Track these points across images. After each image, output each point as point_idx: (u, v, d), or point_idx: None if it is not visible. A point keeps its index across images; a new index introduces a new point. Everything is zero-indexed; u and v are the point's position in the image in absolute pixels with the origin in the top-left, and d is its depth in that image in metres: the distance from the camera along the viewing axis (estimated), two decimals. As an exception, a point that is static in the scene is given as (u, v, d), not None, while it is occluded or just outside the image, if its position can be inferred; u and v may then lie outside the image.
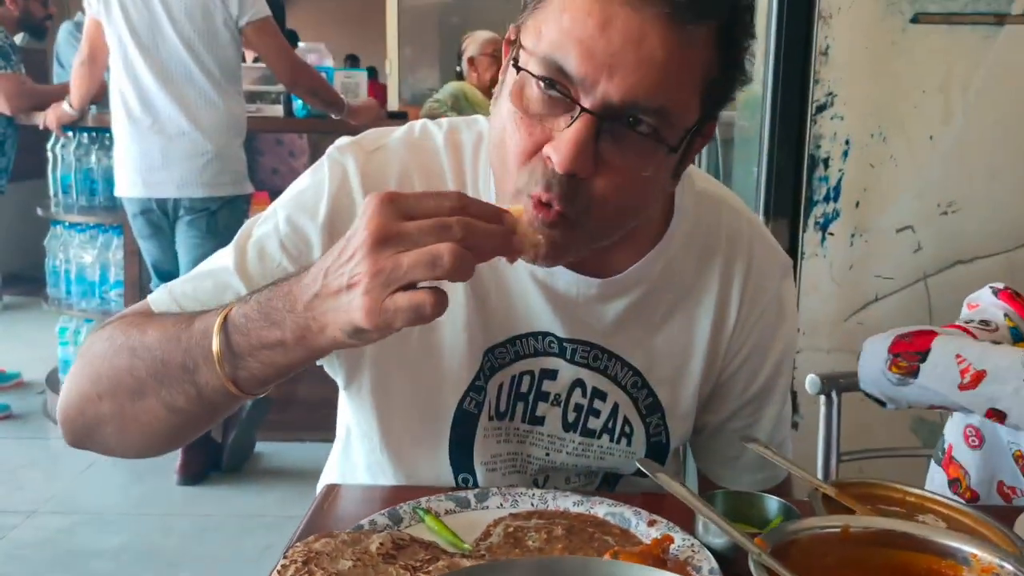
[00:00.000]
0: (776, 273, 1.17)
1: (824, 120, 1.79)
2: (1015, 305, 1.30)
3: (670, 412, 1.16)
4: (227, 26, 3.12)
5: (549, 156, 0.88)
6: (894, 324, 1.40)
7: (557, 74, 0.87)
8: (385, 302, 0.76)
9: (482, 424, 1.12)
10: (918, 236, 1.82)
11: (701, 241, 1.12)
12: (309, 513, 1.09)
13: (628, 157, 0.89)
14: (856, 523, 0.87)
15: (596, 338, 1.11)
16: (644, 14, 0.84)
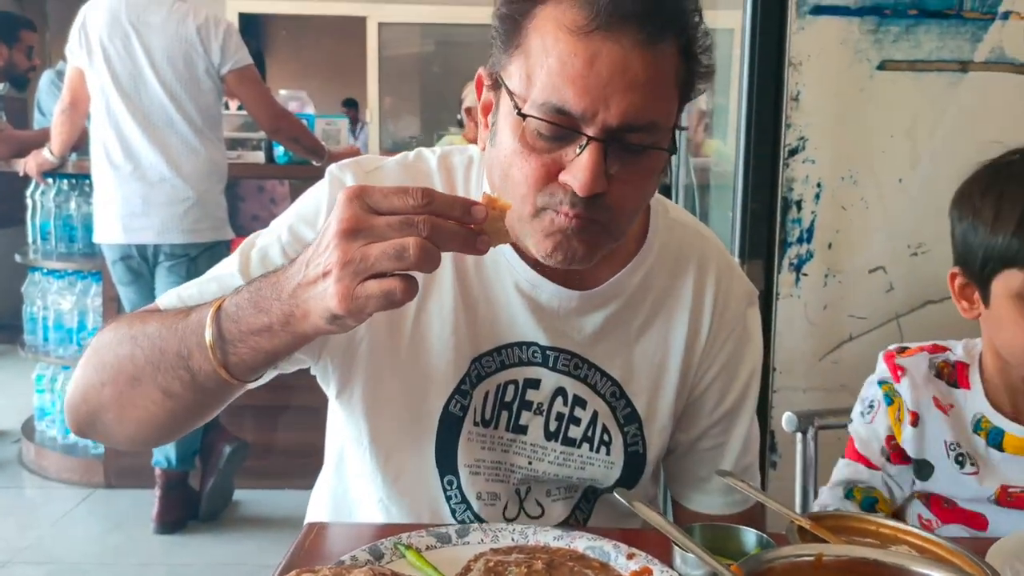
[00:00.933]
0: (743, 299, 1.25)
1: (796, 164, 1.84)
2: (890, 363, 1.38)
3: (647, 423, 1.21)
4: (209, 74, 3.16)
5: (567, 183, 0.98)
6: (869, 363, 1.43)
7: (557, 114, 0.96)
8: (356, 289, 0.83)
9: (466, 428, 1.17)
10: (890, 276, 1.86)
11: (673, 260, 1.21)
12: (291, 550, 1.09)
13: (632, 166, 1.00)
14: (829, 552, 0.88)
15: (577, 348, 1.18)
16: (623, 44, 0.94)
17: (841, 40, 1.81)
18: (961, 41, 1.81)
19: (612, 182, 0.99)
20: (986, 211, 1.24)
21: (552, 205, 1.00)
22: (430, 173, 1.19)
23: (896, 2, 1.80)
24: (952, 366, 1.36)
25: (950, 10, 1.80)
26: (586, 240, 1.02)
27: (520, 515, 1.22)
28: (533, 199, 1.01)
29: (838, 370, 1.87)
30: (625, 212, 1.04)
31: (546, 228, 1.02)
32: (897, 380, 1.36)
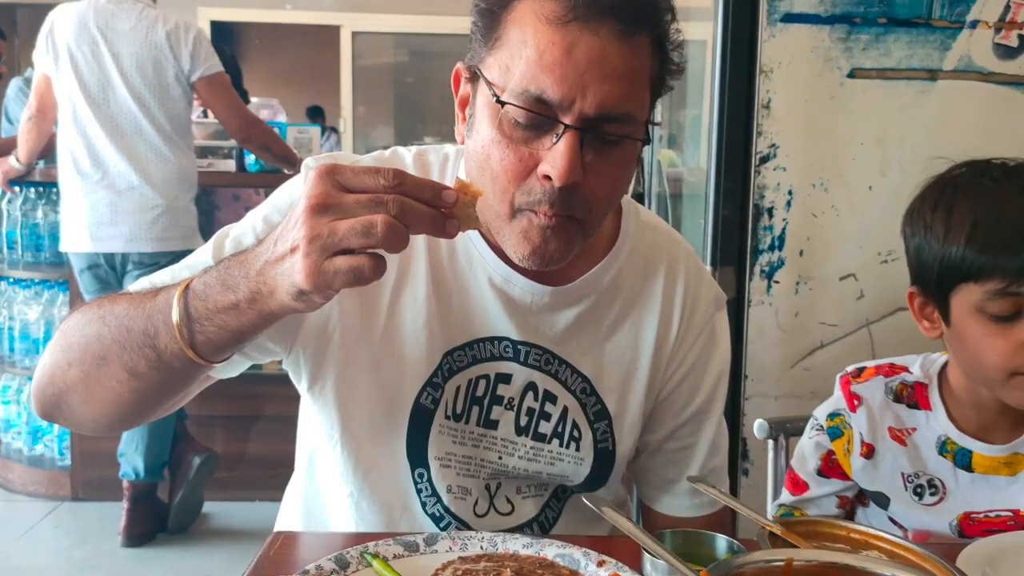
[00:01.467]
0: (712, 302, 1.27)
1: (767, 171, 1.84)
2: (845, 391, 1.36)
3: (617, 420, 1.22)
4: (178, 81, 3.13)
5: (545, 174, 0.99)
6: (840, 370, 1.43)
7: (535, 103, 0.98)
8: (324, 264, 0.83)
9: (438, 420, 1.17)
10: (860, 284, 1.87)
11: (644, 262, 1.23)
12: (255, 559, 1.07)
13: (608, 158, 1.01)
14: (799, 556, 0.88)
15: (548, 344, 1.19)
16: (600, 35, 0.96)
17: (812, 48, 1.82)
18: (930, 49, 1.82)
19: (587, 173, 1.00)
20: (937, 226, 1.23)
21: (530, 205, 1.01)
22: (405, 168, 1.19)
23: (866, 10, 1.81)
24: (911, 387, 1.34)
25: (919, 19, 1.81)
26: (562, 239, 1.03)
27: (490, 511, 1.22)
28: (511, 197, 1.02)
29: (810, 377, 1.87)
30: (600, 205, 1.05)
31: (524, 230, 1.03)
32: (853, 410, 1.34)
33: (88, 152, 3.10)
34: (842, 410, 1.36)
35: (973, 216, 1.19)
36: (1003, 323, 1.18)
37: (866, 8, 1.81)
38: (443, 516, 1.19)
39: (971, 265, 1.18)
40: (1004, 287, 1.16)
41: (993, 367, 1.20)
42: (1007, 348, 1.18)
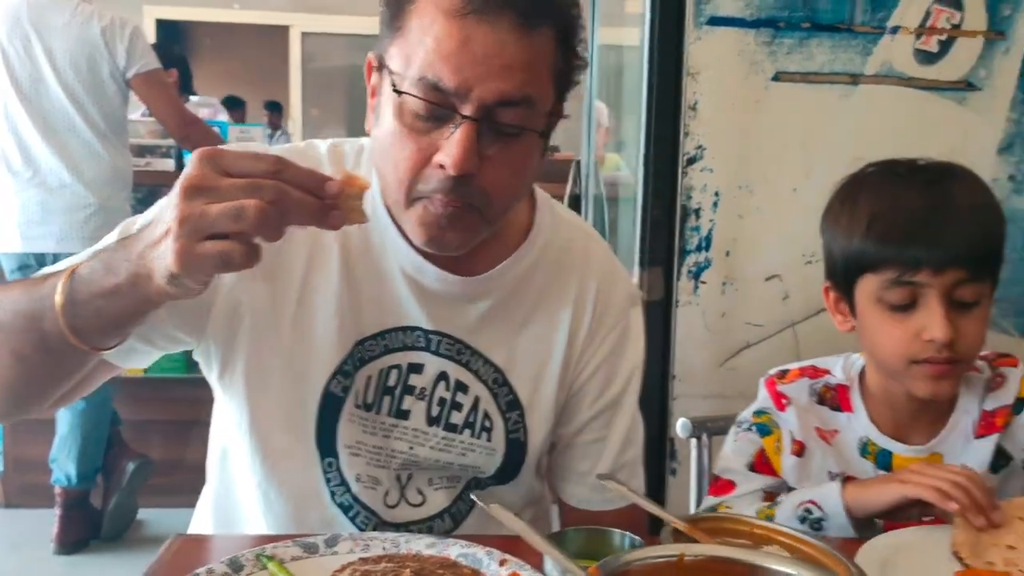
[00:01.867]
0: (626, 298, 1.28)
1: (694, 172, 1.85)
2: (771, 390, 1.37)
3: (529, 410, 1.22)
4: (113, 77, 3.08)
5: (441, 163, 0.99)
6: (766, 370, 1.43)
7: (432, 91, 0.98)
8: (194, 248, 0.81)
9: (347, 409, 1.16)
10: (785, 284, 1.88)
11: (557, 255, 1.23)
12: (151, 564, 1.05)
13: (507, 147, 1.02)
14: (691, 551, 0.87)
15: (460, 334, 1.19)
16: (497, 28, 0.97)
17: (738, 51, 1.83)
18: (852, 54, 1.85)
19: (486, 164, 1.01)
20: (843, 219, 1.26)
21: (427, 193, 1.02)
22: (319, 159, 1.19)
23: (790, 15, 1.83)
24: (834, 389, 1.35)
25: (841, 24, 1.84)
26: (460, 227, 1.04)
27: (401, 502, 1.21)
28: (409, 185, 1.03)
29: (736, 377, 1.88)
30: (500, 196, 1.05)
31: (421, 217, 1.04)
32: (782, 409, 1.34)
33: (19, 149, 3.03)
34: (768, 409, 1.36)
35: (872, 209, 1.23)
36: (899, 312, 1.21)
37: (790, 13, 1.83)
38: (352, 506, 1.18)
39: (870, 256, 1.22)
40: (898, 276, 1.19)
41: (892, 355, 1.23)
42: (904, 336, 1.21)
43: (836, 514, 1.17)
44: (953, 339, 1.18)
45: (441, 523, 1.23)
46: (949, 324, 1.18)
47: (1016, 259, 1.96)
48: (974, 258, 1.19)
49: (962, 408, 1.30)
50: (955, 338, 1.19)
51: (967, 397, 1.30)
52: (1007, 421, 1.28)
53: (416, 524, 1.21)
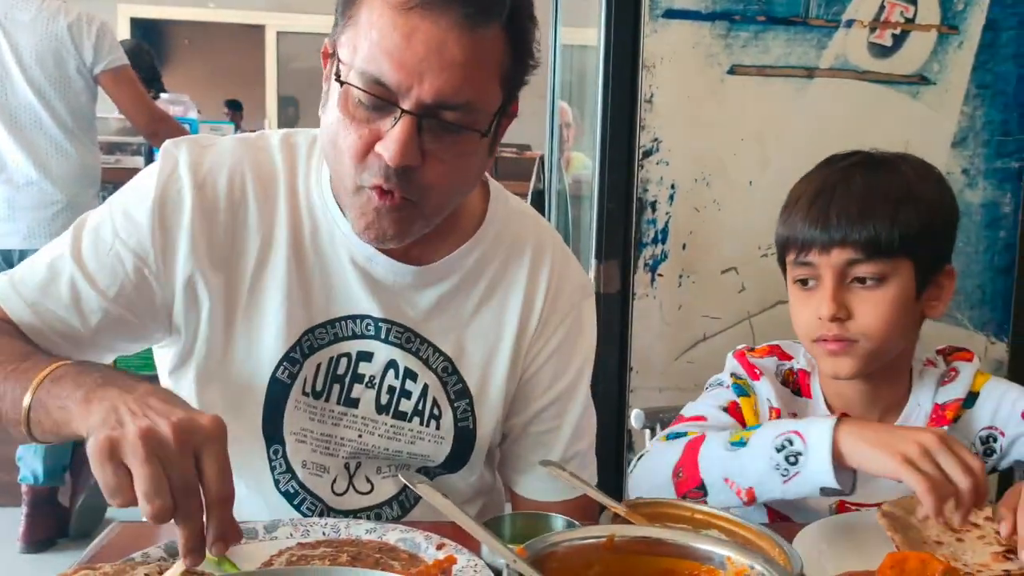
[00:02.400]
0: (578, 289, 1.29)
1: (651, 165, 1.86)
2: (743, 360, 1.38)
3: (478, 399, 1.23)
4: (80, 73, 3.05)
5: (381, 153, 1.00)
6: (723, 362, 1.44)
7: (374, 84, 0.99)
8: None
9: (294, 396, 1.17)
10: (741, 277, 1.90)
11: (509, 245, 1.24)
12: (89, 550, 1.05)
13: (448, 145, 1.02)
14: (621, 532, 0.88)
15: (410, 323, 1.19)
16: (441, 24, 0.97)
17: (693, 44, 1.84)
18: (807, 48, 1.86)
19: (427, 159, 1.01)
20: (780, 212, 1.32)
21: (368, 182, 1.03)
22: (271, 150, 1.19)
23: (745, 8, 1.84)
24: (796, 374, 1.37)
25: (796, 17, 1.85)
26: (397, 219, 1.05)
27: (349, 490, 1.21)
28: (354, 173, 1.04)
29: (693, 369, 1.89)
30: (441, 191, 1.06)
31: (362, 206, 1.06)
32: (755, 378, 1.35)
33: (-15, 146, 3.01)
34: (742, 375, 1.37)
35: (790, 197, 1.30)
36: (804, 291, 1.27)
37: (745, 6, 1.84)
38: (298, 493, 1.19)
39: (783, 239, 1.29)
40: (796, 256, 1.26)
41: (801, 334, 1.29)
42: (807, 314, 1.26)
43: (819, 455, 1.10)
44: (842, 316, 1.21)
45: (389, 511, 1.23)
46: (834, 301, 1.22)
47: (971, 252, 1.98)
48: (866, 239, 1.21)
49: (915, 401, 1.32)
50: (848, 317, 1.22)
51: (920, 390, 1.32)
52: (957, 415, 1.30)
53: (364, 512, 1.21)
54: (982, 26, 1.93)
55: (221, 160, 1.16)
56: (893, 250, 1.22)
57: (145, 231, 1.12)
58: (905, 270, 1.24)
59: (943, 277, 1.29)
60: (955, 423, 1.29)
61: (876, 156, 1.29)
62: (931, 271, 1.27)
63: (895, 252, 1.22)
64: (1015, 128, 1.97)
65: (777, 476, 1.12)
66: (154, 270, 1.13)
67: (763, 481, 1.14)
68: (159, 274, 1.13)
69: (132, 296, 1.13)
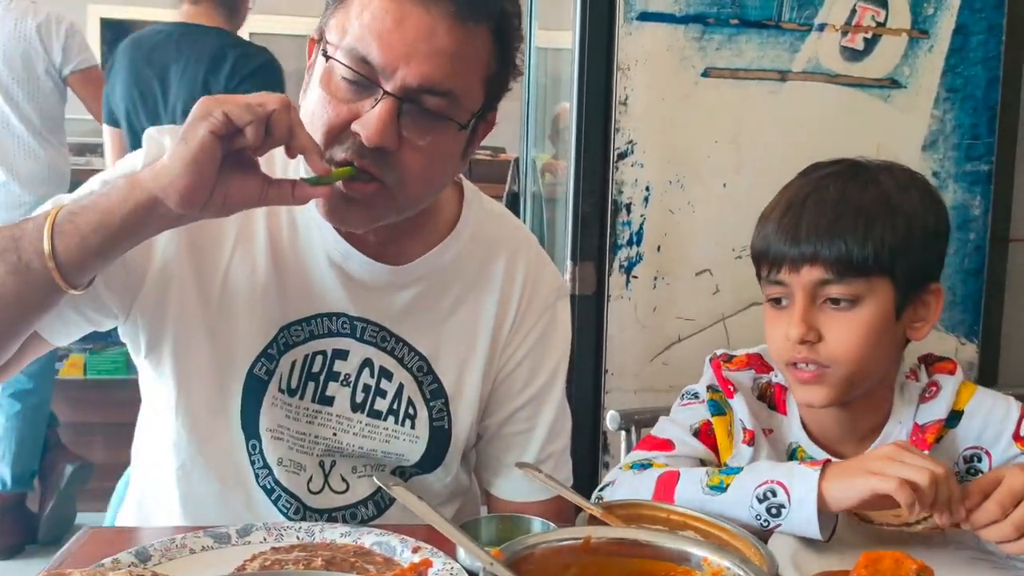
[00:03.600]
0: (553, 291, 1.29)
1: (625, 167, 1.86)
2: (718, 374, 1.30)
3: (453, 399, 1.23)
4: (49, 75, 3.03)
5: (358, 131, 1.00)
6: (697, 364, 1.43)
7: (360, 63, 1.00)
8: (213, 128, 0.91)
9: (271, 392, 1.17)
10: (716, 279, 1.90)
11: (485, 246, 1.25)
12: (58, 556, 1.03)
13: (426, 133, 1.03)
14: (598, 534, 0.88)
15: (386, 322, 1.19)
16: (433, 13, 0.99)
17: (667, 46, 1.85)
18: (780, 51, 1.87)
19: (403, 145, 1.02)
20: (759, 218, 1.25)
21: (338, 156, 1.03)
22: None
23: (719, 11, 1.85)
24: (773, 388, 1.30)
25: (769, 20, 1.87)
26: (365, 204, 1.05)
27: (325, 489, 1.21)
28: (328, 152, 1.03)
29: (668, 371, 1.90)
30: (413, 179, 1.05)
31: (327, 191, 1.04)
32: (730, 396, 1.27)
33: (-47, 147, 2.97)
34: (718, 388, 1.29)
35: (772, 204, 1.22)
36: (777, 310, 1.19)
37: (719, 9, 1.85)
38: (274, 489, 1.18)
39: (756, 254, 1.21)
40: (767, 273, 1.18)
41: (775, 358, 1.22)
42: (779, 336, 1.18)
43: (804, 509, 1.04)
44: (811, 339, 1.13)
45: (364, 510, 1.22)
46: (803, 323, 1.13)
47: (940, 255, 2.00)
48: (836, 256, 1.12)
49: (895, 419, 1.23)
50: (818, 339, 1.14)
51: (901, 407, 1.24)
52: (939, 435, 1.21)
53: (339, 511, 1.21)
54: (952, 30, 1.95)
55: None
56: (867, 268, 1.12)
57: None
58: (883, 289, 1.14)
59: (928, 295, 1.19)
60: (937, 443, 1.20)
61: (858, 165, 1.21)
62: (913, 290, 1.17)
63: (869, 270, 1.13)
64: (984, 131, 1.99)
65: (757, 524, 1.07)
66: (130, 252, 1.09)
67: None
68: (133, 256, 1.10)
69: None
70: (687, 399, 1.33)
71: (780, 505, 1.06)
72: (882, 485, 0.99)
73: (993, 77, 1.99)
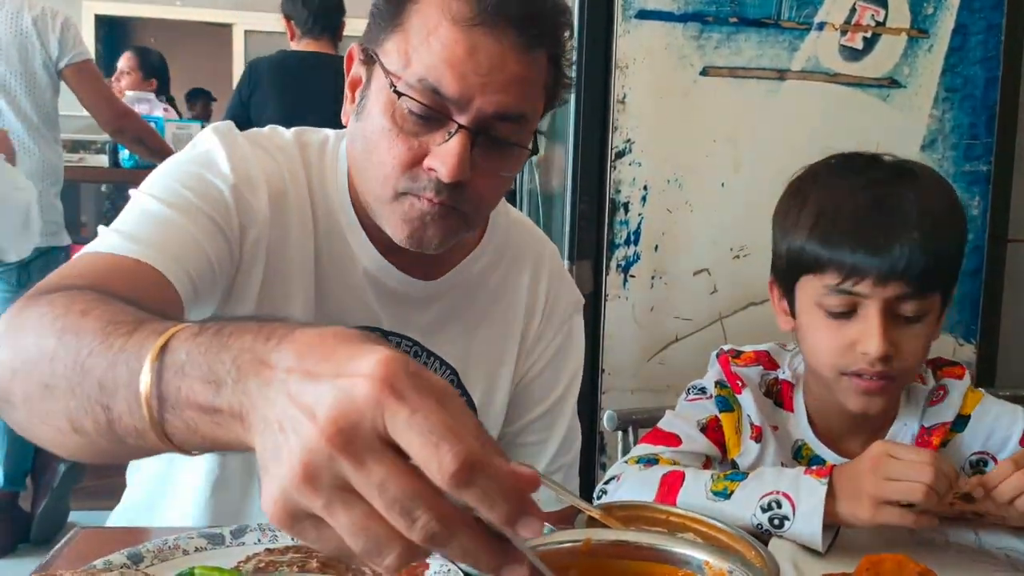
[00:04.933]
0: (572, 304, 1.31)
1: (623, 166, 1.85)
2: (727, 369, 1.28)
3: (482, 411, 1.23)
4: (46, 68, 3.00)
5: (433, 168, 0.99)
6: (695, 364, 1.42)
7: (431, 95, 0.98)
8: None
9: None
10: (714, 278, 1.89)
11: (511, 257, 1.25)
12: (49, 556, 1.02)
13: (497, 160, 1.02)
14: (597, 536, 0.87)
15: (417, 335, 1.19)
16: (503, 43, 0.98)
17: (665, 45, 1.84)
18: (779, 50, 1.86)
19: (476, 173, 1.01)
20: (791, 215, 1.19)
21: (414, 190, 1.02)
22: (285, 146, 1.15)
23: (717, 10, 1.84)
24: (779, 385, 1.28)
25: (768, 19, 1.85)
26: (443, 226, 1.04)
27: None
28: (395, 182, 1.02)
29: (665, 371, 1.89)
30: (484, 203, 1.07)
31: (405, 213, 1.03)
32: (739, 391, 1.26)
33: (-55, 142, 2.94)
34: (727, 383, 1.28)
35: (819, 207, 1.15)
36: (836, 319, 1.13)
37: (717, 8, 1.84)
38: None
39: (812, 257, 1.14)
40: (837, 284, 1.11)
41: (825, 363, 1.16)
42: (838, 346, 1.13)
43: (809, 523, 1.03)
44: (889, 355, 1.10)
45: None
46: (885, 339, 1.09)
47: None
48: (921, 272, 1.09)
49: (901, 421, 1.23)
50: (891, 353, 1.10)
51: (908, 410, 1.23)
52: (945, 439, 1.21)
53: None
54: (951, 30, 1.95)
55: (266, 157, 1.12)
56: (937, 283, 1.12)
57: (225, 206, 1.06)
58: (936, 302, 1.14)
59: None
60: (943, 447, 1.21)
61: (903, 166, 1.18)
62: (950, 297, 1.18)
63: (937, 285, 1.13)
64: (983, 131, 1.99)
65: (757, 531, 1.07)
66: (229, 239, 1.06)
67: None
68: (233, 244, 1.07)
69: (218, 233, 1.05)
70: (694, 394, 1.31)
71: (784, 517, 1.05)
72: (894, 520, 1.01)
73: (992, 77, 1.98)
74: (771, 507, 1.05)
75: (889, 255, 1.08)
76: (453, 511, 0.51)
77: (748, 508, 1.07)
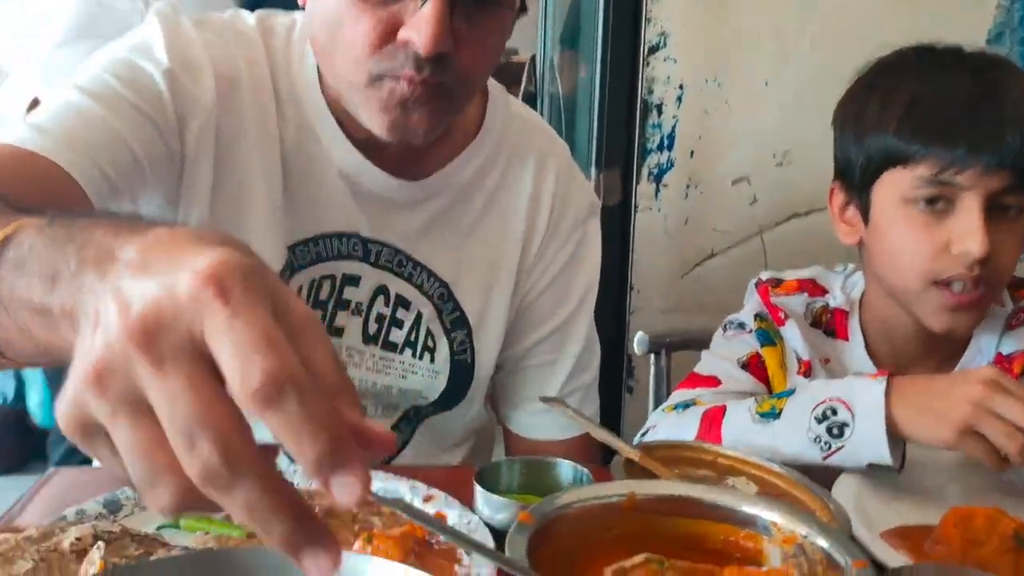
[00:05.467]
0: (585, 207, 1.17)
1: (657, 62, 1.68)
2: (766, 300, 1.21)
3: (477, 329, 1.12)
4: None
5: (409, 39, 0.87)
6: (732, 281, 1.32)
7: None
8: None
9: None
10: (754, 188, 1.74)
11: (510, 154, 1.12)
12: (18, 501, 0.91)
13: (481, 25, 0.91)
14: (643, 489, 0.74)
15: (402, 243, 1.07)
16: None
17: (706, -74, 1.65)
18: (834, -68, 1.67)
19: (459, 44, 0.90)
20: (871, 107, 1.10)
21: (391, 71, 0.90)
22: (245, 31, 1.04)
23: None
24: (831, 313, 1.20)
25: None
26: (428, 111, 0.92)
27: None
28: (367, 64, 0.90)
29: (699, 288, 1.76)
30: (472, 79, 0.96)
31: (384, 100, 0.91)
32: (781, 323, 1.18)
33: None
34: (767, 315, 1.21)
35: (913, 94, 1.07)
36: (930, 217, 1.04)
37: None
38: None
39: (902, 148, 1.05)
40: (935, 174, 1.03)
41: (912, 271, 1.07)
42: (930, 248, 1.04)
43: (871, 426, 0.93)
44: (989, 255, 1.01)
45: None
46: (987, 235, 1.01)
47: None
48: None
49: (976, 348, 1.15)
50: (990, 253, 1.01)
51: (983, 335, 1.14)
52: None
53: None
54: (1025, -93, 1.74)
55: (217, 40, 1.01)
56: None
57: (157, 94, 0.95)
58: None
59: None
60: (1022, 377, 1.11)
61: (989, 57, 1.11)
62: None
63: None
64: (1055, 22, 1.80)
65: (816, 450, 0.96)
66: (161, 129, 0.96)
67: (799, 456, 0.96)
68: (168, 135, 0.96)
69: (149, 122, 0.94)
70: (732, 330, 1.22)
71: (843, 424, 0.95)
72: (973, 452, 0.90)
73: (1068, -39, 1.78)
74: (826, 415, 0.96)
75: (995, 141, 1.01)
76: (245, 450, 0.40)
77: (802, 423, 0.97)
